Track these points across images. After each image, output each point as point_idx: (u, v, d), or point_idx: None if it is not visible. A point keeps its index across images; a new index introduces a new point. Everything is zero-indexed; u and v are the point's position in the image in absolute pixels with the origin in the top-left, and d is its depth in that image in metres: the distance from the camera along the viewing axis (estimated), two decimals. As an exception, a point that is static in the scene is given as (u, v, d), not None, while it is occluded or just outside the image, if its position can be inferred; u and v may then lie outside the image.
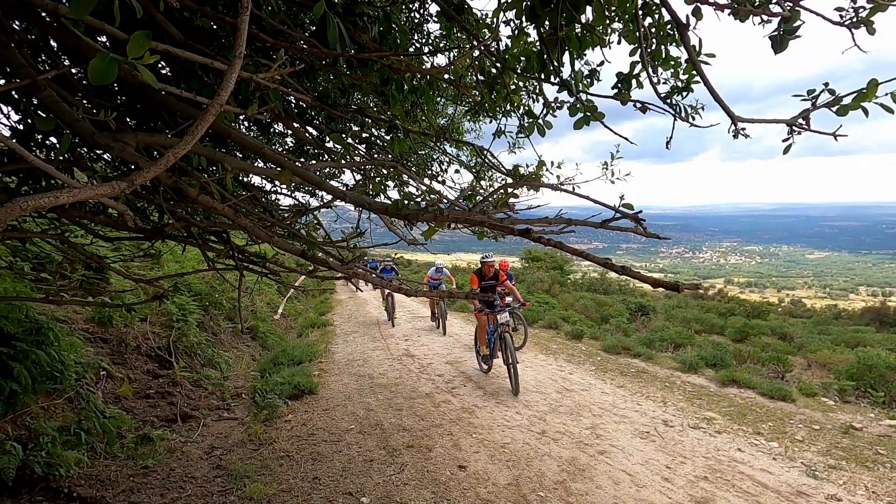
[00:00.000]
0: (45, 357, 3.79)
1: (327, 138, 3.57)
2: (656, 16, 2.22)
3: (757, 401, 5.96)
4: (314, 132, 3.60)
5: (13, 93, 2.08)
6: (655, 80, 2.29)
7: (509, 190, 2.25)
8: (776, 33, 1.75)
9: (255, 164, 2.51)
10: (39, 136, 2.38)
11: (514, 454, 4.32)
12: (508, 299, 9.62)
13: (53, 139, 2.41)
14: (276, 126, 3.60)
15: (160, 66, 2.50)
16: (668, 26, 2.20)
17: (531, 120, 2.78)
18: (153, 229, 2.72)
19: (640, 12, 2.14)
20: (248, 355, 8.07)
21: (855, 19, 1.62)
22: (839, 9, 1.67)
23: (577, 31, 2.24)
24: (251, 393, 6.05)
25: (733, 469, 4.02)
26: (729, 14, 1.76)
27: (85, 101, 2.16)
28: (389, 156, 3.84)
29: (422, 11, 3.09)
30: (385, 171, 3.83)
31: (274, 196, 3.86)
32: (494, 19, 2.54)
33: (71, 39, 1.64)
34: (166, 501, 3.57)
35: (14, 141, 1.87)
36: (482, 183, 4.45)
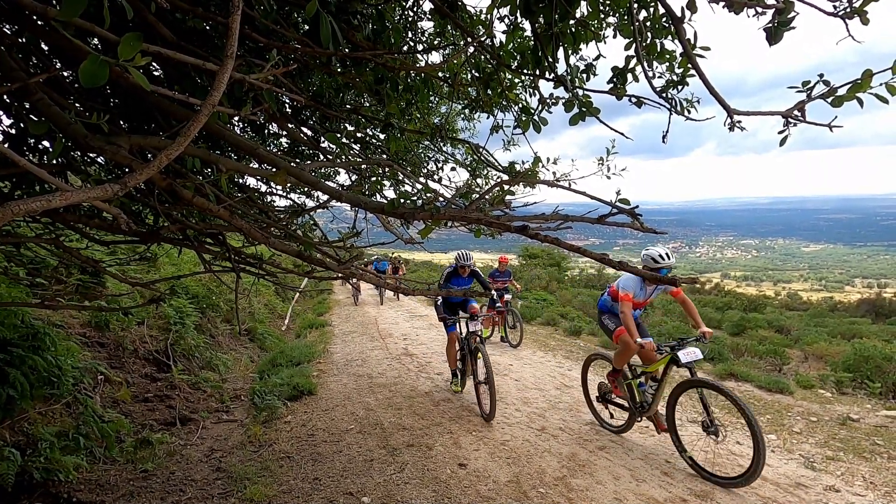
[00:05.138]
0: (42, 362, 3.77)
1: (322, 138, 3.55)
2: (651, 9, 2.22)
3: (755, 394, 5.99)
4: (309, 132, 3.58)
5: (5, 97, 2.06)
6: (651, 74, 2.29)
7: (505, 187, 2.24)
8: (770, 25, 1.75)
9: (250, 165, 2.50)
10: (32, 140, 2.36)
11: (514, 451, 4.33)
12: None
13: (46, 143, 2.39)
14: (270, 127, 3.59)
15: (153, 67, 2.48)
16: (664, 19, 2.19)
17: (527, 116, 2.78)
18: (148, 232, 2.70)
19: (635, 6, 2.14)
20: (247, 357, 8.05)
21: (849, 9, 1.62)
22: (833, -1, 1.67)
23: (571, 26, 2.24)
24: (250, 394, 6.03)
25: (732, 462, 4.03)
26: (723, 6, 1.76)
27: (77, 105, 2.15)
28: (385, 155, 3.83)
29: (415, 9, 3.08)
30: (381, 171, 3.82)
31: (270, 197, 3.84)
32: (488, 15, 2.53)
33: (62, 42, 1.62)
34: (167, 505, 3.56)
35: (6, 145, 1.86)
36: (478, 181, 4.45)
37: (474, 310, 5.77)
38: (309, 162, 3.55)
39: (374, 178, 3.84)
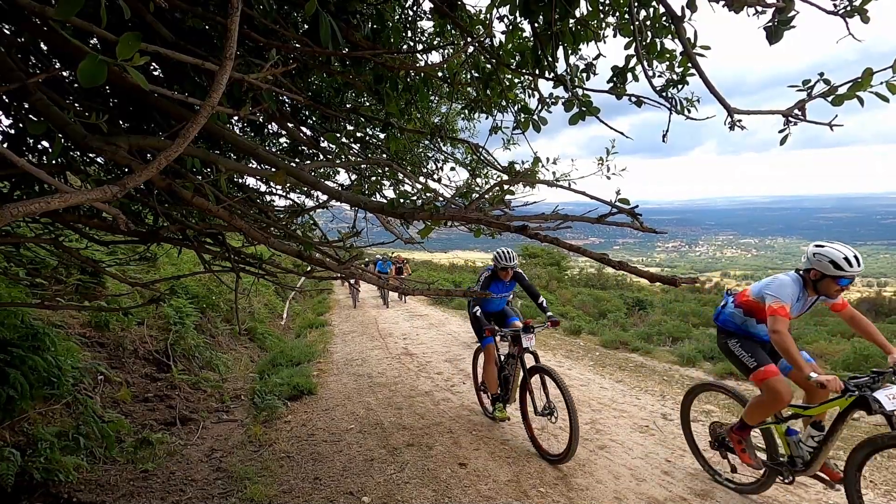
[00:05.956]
0: (42, 362, 3.76)
1: (322, 138, 3.55)
2: (651, 8, 2.22)
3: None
4: (308, 132, 3.58)
5: (4, 97, 2.06)
6: (651, 73, 2.28)
7: (505, 187, 2.24)
8: (770, 24, 1.75)
9: (250, 165, 2.50)
10: (31, 141, 2.36)
11: (515, 450, 4.33)
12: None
13: (45, 143, 2.39)
14: (269, 127, 3.58)
15: (152, 67, 2.48)
16: (664, 18, 2.19)
17: (526, 116, 2.77)
18: (148, 232, 2.70)
19: (636, 5, 2.13)
20: (247, 357, 8.05)
21: (849, 8, 1.62)
22: (833, -3, 1.67)
23: (571, 25, 2.24)
24: (250, 394, 6.03)
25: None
26: (723, 6, 1.75)
27: (76, 105, 2.15)
28: (384, 154, 3.83)
29: (415, 8, 3.08)
30: (380, 170, 3.82)
31: (269, 197, 3.84)
32: (488, 15, 2.53)
33: (61, 42, 1.62)
34: (167, 505, 3.56)
35: (5, 146, 1.85)
36: (478, 180, 4.44)
37: (528, 321, 4.66)
38: (308, 162, 3.55)
39: (373, 178, 3.84)
